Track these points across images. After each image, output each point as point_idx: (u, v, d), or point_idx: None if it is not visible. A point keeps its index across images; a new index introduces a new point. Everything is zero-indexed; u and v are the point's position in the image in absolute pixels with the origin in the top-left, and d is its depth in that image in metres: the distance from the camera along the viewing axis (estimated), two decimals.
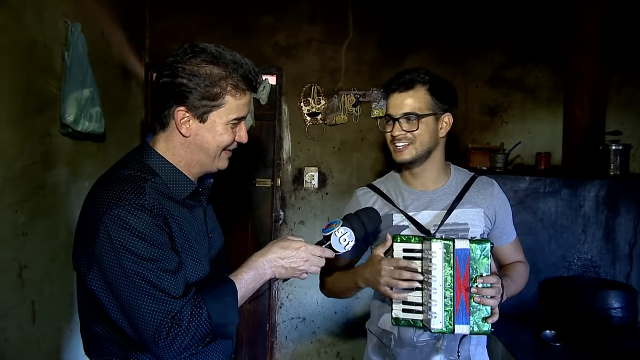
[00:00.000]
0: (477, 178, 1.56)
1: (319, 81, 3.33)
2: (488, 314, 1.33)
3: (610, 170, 2.53)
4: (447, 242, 1.33)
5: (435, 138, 1.47)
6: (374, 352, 1.59)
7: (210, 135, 1.17)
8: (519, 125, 3.24)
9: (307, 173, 3.36)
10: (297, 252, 1.21)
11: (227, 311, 1.12)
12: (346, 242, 1.26)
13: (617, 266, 2.46)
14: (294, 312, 3.40)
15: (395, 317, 1.41)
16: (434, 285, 1.32)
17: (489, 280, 1.32)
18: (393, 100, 1.47)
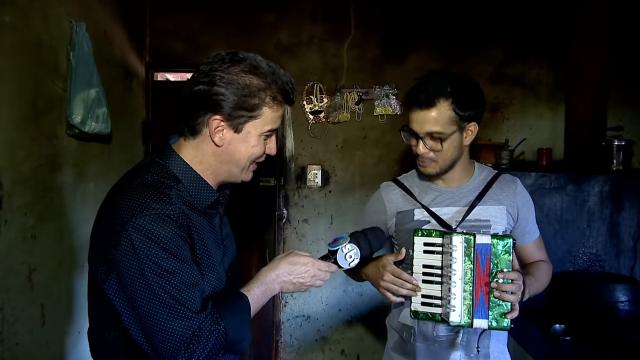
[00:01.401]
0: (501, 175, 1.57)
1: (322, 79, 3.33)
2: (508, 310, 1.33)
3: (613, 165, 2.56)
4: (468, 236, 1.34)
5: (460, 149, 1.46)
6: (394, 348, 1.60)
7: (243, 146, 1.15)
8: (520, 121, 3.27)
9: (310, 171, 3.36)
10: (305, 267, 1.23)
11: (242, 328, 1.13)
12: (352, 259, 1.28)
13: (621, 260, 2.49)
14: (298, 310, 3.40)
15: (414, 310, 1.42)
16: (453, 279, 1.34)
17: (509, 276, 1.32)
18: (415, 115, 1.42)
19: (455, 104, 1.38)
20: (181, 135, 1.20)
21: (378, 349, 3.33)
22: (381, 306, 3.32)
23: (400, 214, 1.54)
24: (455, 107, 1.38)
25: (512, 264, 1.34)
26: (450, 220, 1.48)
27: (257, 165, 1.24)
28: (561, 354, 1.98)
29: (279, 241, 3.41)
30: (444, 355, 1.49)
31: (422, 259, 1.42)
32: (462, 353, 1.48)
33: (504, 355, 1.56)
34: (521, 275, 1.36)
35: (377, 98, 3.28)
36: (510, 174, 1.61)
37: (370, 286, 3.38)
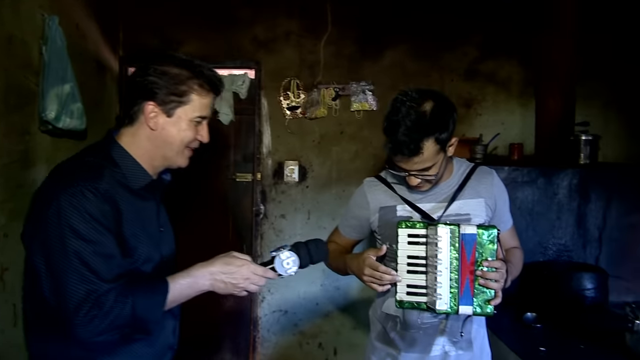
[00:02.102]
0: (477, 168, 1.62)
1: (298, 75, 3.35)
2: (491, 297, 1.40)
3: (580, 159, 2.65)
4: (454, 227, 1.40)
5: (446, 162, 1.51)
6: (378, 338, 1.65)
7: (175, 130, 1.27)
8: (493, 117, 3.36)
9: (287, 167, 3.39)
10: (239, 269, 1.25)
11: (152, 308, 1.17)
12: (289, 267, 1.30)
13: (587, 250, 2.60)
14: (275, 305, 3.43)
15: (400, 300, 1.47)
16: (439, 268, 1.40)
17: (494, 265, 1.39)
18: (402, 163, 1.45)
19: (438, 138, 1.41)
20: (122, 126, 1.31)
21: (355, 342, 3.39)
22: (357, 300, 3.37)
23: (383, 210, 1.59)
24: (438, 140, 1.41)
25: (497, 253, 1.40)
26: (431, 214, 1.53)
27: (191, 151, 1.34)
28: (532, 340, 2.06)
29: (255, 237, 3.43)
30: (429, 342, 1.55)
31: (406, 250, 1.47)
32: (445, 339, 1.55)
33: (484, 340, 1.63)
34: (505, 264, 1.42)
35: (354, 94, 3.32)
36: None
37: (346, 280, 3.45)
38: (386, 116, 1.45)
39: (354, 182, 3.30)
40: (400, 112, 1.40)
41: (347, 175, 3.35)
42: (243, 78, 3.35)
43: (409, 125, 1.38)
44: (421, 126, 1.38)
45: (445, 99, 1.47)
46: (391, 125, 1.41)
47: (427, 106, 1.41)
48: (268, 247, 3.39)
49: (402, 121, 1.39)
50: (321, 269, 3.35)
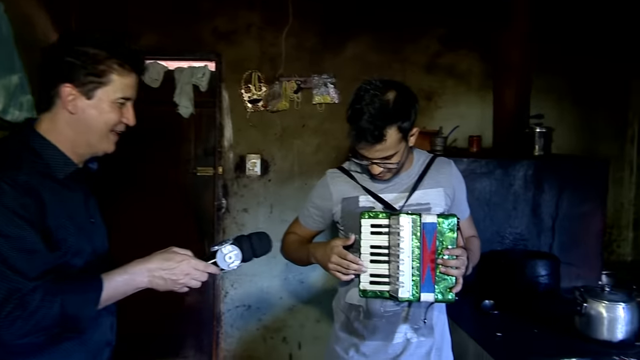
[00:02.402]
0: (436, 159, 1.68)
1: (260, 68, 3.35)
2: (453, 284, 1.46)
3: (535, 151, 2.78)
4: (415, 216, 1.45)
5: (407, 152, 1.56)
6: (341, 329, 1.69)
7: (96, 113, 1.21)
8: (452, 109, 3.46)
9: (249, 160, 3.39)
10: (179, 264, 1.22)
11: (84, 306, 1.13)
12: (231, 261, 1.28)
13: (542, 238, 2.73)
14: (239, 300, 3.44)
15: (363, 289, 1.51)
16: (401, 257, 1.45)
17: (455, 253, 1.45)
18: (365, 150, 1.49)
19: (401, 126, 1.46)
20: (39, 113, 1.25)
21: (319, 335, 3.43)
22: (321, 292, 3.42)
23: (345, 201, 1.62)
24: (400, 129, 1.46)
25: (457, 241, 1.46)
26: (394, 204, 1.58)
27: (117, 135, 1.28)
28: (489, 326, 2.15)
29: (218, 231, 3.42)
30: (391, 329, 1.60)
31: (369, 240, 1.50)
32: (408, 326, 1.61)
33: (445, 326, 1.70)
34: (465, 251, 1.49)
35: (316, 87, 3.35)
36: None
37: (310, 274, 3.48)
38: (350, 104, 1.50)
39: (316, 175, 3.32)
40: (364, 100, 1.45)
41: (309, 169, 3.39)
42: (203, 70, 3.33)
43: (372, 112, 1.43)
44: (384, 114, 1.44)
45: (408, 90, 1.53)
46: (355, 113, 1.46)
47: (390, 95, 1.46)
48: None
49: (365, 109, 1.44)
50: (284, 263, 3.37)
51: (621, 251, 3.64)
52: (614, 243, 3.63)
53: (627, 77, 3.57)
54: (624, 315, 1.92)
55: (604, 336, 1.94)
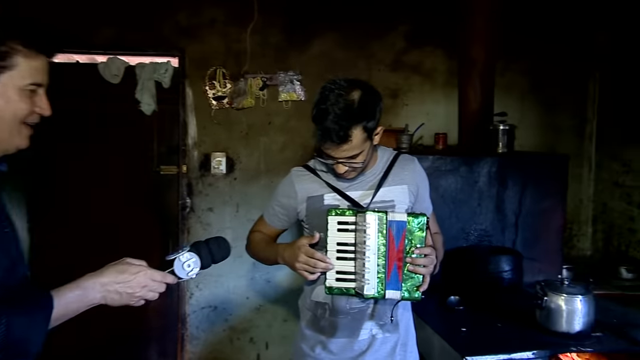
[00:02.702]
0: (400, 156, 1.73)
1: (225, 64, 3.34)
2: (420, 283, 1.51)
3: (499, 148, 2.87)
4: (381, 214, 1.49)
5: (372, 150, 1.60)
6: (307, 326, 1.72)
7: (2, 102, 1.07)
8: (418, 107, 3.54)
9: (214, 158, 3.38)
10: (134, 277, 1.17)
11: (32, 327, 1.03)
12: (190, 269, 1.26)
13: (505, 234, 2.83)
14: (204, 301, 3.43)
15: (329, 286, 1.55)
16: (367, 254, 1.49)
17: (424, 252, 1.50)
18: (331, 150, 1.51)
19: (366, 126, 1.49)
20: None
21: (287, 335, 3.46)
22: (288, 292, 3.45)
23: (310, 199, 1.65)
24: (366, 129, 1.50)
25: (426, 240, 1.51)
26: (359, 202, 1.62)
27: (30, 128, 1.15)
28: (454, 322, 2.23)
29: (182, 231, 3.40)
30: (357, 326, 1.64)
31: (336, 238, 1.54)
32: (373, 323, 1.65)
33: (410, 322, 1.75)
34: (434, 250, 1.53)
35: (282, 84, 3.36)
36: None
37: (277, 273, 3.50)
38: (315, 104, 1.52)
39: (283, 173, 3.27)
40: (329, 100, 1.48)
41: (276, 167, 3.40)
42: (166, 66, 3.30)
43: (337, 113, 1.46)
44: (349, 114, 1.47)
45: (372, 89, 1.56)
46: (320, 113, 1.49)
47: (355, 95, 1.49)
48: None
49: (330, 109, 1.47)
50: (251, 262, 3.39)
51: (581, 246, 3.80)
52: (574, 238, 3.79)
53: (586, 76, 3.73)
54: (581, 308, 2.01)
55: (563, 328, 2.03)
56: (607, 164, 3.62)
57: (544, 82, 3.66)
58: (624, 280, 3.19)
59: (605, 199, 3.65)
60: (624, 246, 3.46)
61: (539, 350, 1.95)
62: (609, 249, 3.60)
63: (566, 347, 2.00)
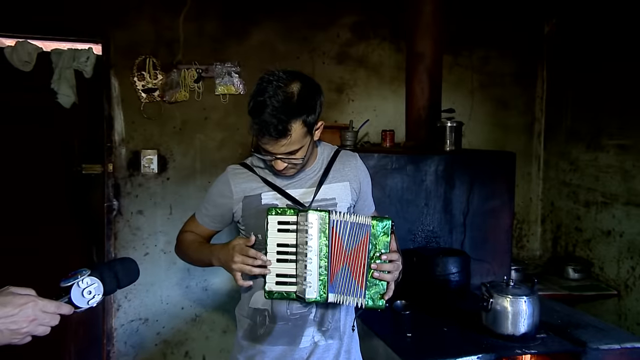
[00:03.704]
0: (341, 152, 1.75)
1: (155, 53, 3.28)
2: (384, 290, 1.53)
3: (446, 146, 2.97)
4: (323, 213, 1.50)
5: (312, 146, 1.61)
6: (245, 336, 1.71)
7: None
8: (365, 102, 3.60)
9: (144, 156, 3.31)
10: (21, 309, 1.07)
11: None
12: (91, 296, 1.17)
13: (453, 235, 2.93)
14: (134, 313, 3.35)
15: (269, 290, 1.54)
16: (309, 255, 1.49)
17: (390, 257, 1.52)
18: (269, 145, 1.51)
19: (306, 120, 1.51)
20: None
21: (225, 347, 3.44)
22: (227, 300, 3.42)
23: (247, 199, 1.64)
24: (305, 123, 1.51)
25: (390, 245, 1.53)
26: (301, 200, 1.62)
27: None
28: (400, 327, 2.29)
29: (108, 237, 3.30)
30: (298, 333, 1.65)
31: (276, 238, 1.53)
32: (315, 329, 1.66)
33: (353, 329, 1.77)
34: (400, 256, 1.56)
35: (219, 76, 3.33)
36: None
37: (215, 279, 3.47)
38: (252, 96, 1.52)
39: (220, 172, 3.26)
40: (267, 92, 1.48)
41: (213, 165, 3.37)
42: (87, 54, 3.19)
43: (276, 105, 1.47)
44: (289, 107, 1.47)
45: (312, 81, 1.58)
46: (257, 106, 1.48)
47: (294, 87, 1.50)
48: (123, 247, 3.29)
49: (268, 101, 1.47)
50: (186, 269, 3.35)
51: (530, 246, 3.99)
52: (524, 238, 3.97)
53: (534, 73, 3.91)
54: (526, 309, 2.12)
55: (509, 330, 2.13)
56: (554, 162, 3.82)
57: (493, 78, 3.82)
58: (570, 280, 3.38)
59: (553, 197, 3.84)
60: (571, 246, 3.65)
61: (483, 354, 2.03)
62: (557, 248, 3.80)
63: (511, 349, 2.10)
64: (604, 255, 3.37)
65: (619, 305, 3.24)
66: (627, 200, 3.19)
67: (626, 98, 3.22)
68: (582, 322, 2.34)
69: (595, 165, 3.43)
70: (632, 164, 3.15)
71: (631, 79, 3.19)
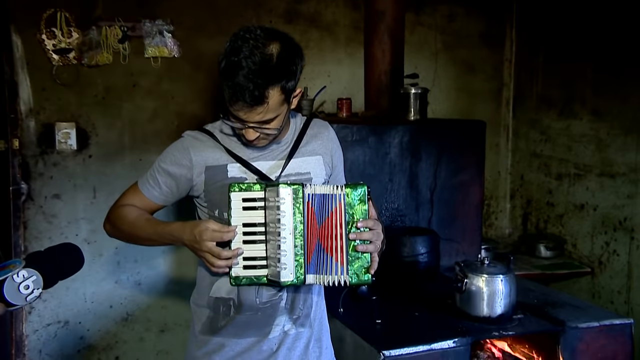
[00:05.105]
0: (312, 120, 1.84)
1: (68, 6, 3.20)
2: (368, 263, 1.61)
3: (410, 115, 3.13)
4: (296, 186, 1.58)
5: (287, 116, 1.67)
6: (204, 330, 1.77)
7: None
8: (318, 67, 3.69)
9: (59, 130, 3.26)
10: None
11: None
12: (29, 291, 1.17)
13: (420, 212, 3.11)
14: (50, 316, 3.32)
15: (235, 276, 1.61)
16: (282, 234, 1.56)
17: (367, 225, 1.59)
18: (241, 112, 1.55)
19: (285, 86, 1.55)
20: None
21: (164, 349, 3.49)
22: (165, 295, 3.47)
23: (210, 170, 1.69)
24: (284, 89, 1.55)
25: (369, 213, 1.60)
26: (270, 175, 1.70)
27: None
28: (368, 314, 2.44)
29: (16, 227, 3.25)
30: (268, 323, 1.73)
31: (241, 217, 1.59)
32: (286, 317, 1.75)
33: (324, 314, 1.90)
34: (379, 223, 1.64)
35: (148, 35, 3.31)
36: None
37: (149, 272, 3.50)
38: (224, 55, 1.55)
39: (154, 148, 3.32)
40: (242, 52, 1.52)
41: (145, 141, 3.37)
42: None
43: (252, 68, 1.50)
44: (267, 71, 1.50)
45: (293, 42, 1.64)
46: (231, 67, 1.52)
47: (273, 48, 1.55)
48: (36, 238, 3.26)
49: (244, 62, 1.51)
50: (115, 261, 3.37)
51: (499, 224, 4.26)
52: (492, 215, 4.23)
53: (502, 33, 4.14)
54: (502, 289, 2.33)
55: (484, 312, 2.34)
56: (524, 132, 4.08)
57: (458, 39, 4.00)
58: (542, 258, 3.67)
59: (522, 170, 4.11)
60: (543, 222, 3.95)
61: (459, 337, 2.24)
62: (528, 225, 4.09)
63: (488, 332, 2.31)
64: (577, 231, 3.67)
65: (592, 283, 3.55)
66: (601, 171, 3.48)
67: (600, 59, 3.47)
68: (558, 301, 2.59)
69: (568, 134, 3.70)
70: (607, 131, 3.43)
71: (605, 36, 3.43)
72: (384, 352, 2.12)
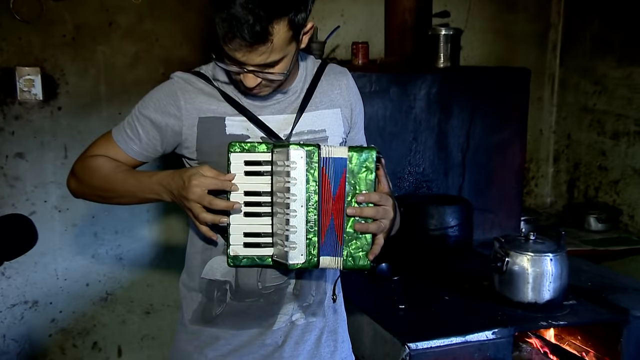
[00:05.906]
0: (328, 65, 1.71)
1: None
2: (368, 244, 1.47)
3: (440, 62, 3.00)
4: (311, 148, 1.44)
5: (296, 58, 1.53)
6: (195, 319, 1.68)
7: None
8: (329, 5, 3.53)
9: (20, 77, 3.15)
10: None
11: None
12: None
13: (449, 178, 3.01)
14: (16, 295, 3.28)
15: (234, 254, 1.49)
16: (292, 206, 1.44)
17: (371, 199, 1.45)
18: (240, 52, 1.42)
19: (293, 20, 1.41)
20: None
21: (149, 332, 3.46)
22: (151, 270, 3.42)
23: (204, 123, 1.58)
24: (292, 24, 1.41)
25: (378, 185, 1.47)
26: (278, 132, 1.58)
27: None
28: (389, 298, 2.33)
29: None
30: (272, 312, 1.64)
31: (242, 184, 1.47)
32: (294, 305, 1.66)
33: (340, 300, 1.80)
34: (389, 198, 1.49)
35: None
36: None
37: (133, 245, 3.44)
38: None
39: (134, 99, 3.13)
40: None
41: (124, 90, 3.28)
42: None
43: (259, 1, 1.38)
44: (275, 2, 1.38)
45: None
46: None
47: None
48: None
49: None
50: (92, 233, 3.33)
51: (539, 191, 4.15)
52: (532, 181, 4.12)
53: None
54: (551, 269, 2.21)
55: (529, 298, 2.23)
56: (574, 82, 3.93)
57: None
58: (593, 232, 3.56)
59: (570, 129, 3.99)
60: (593, 189, 3.83)
61: (500, 328, 2.12)
62: (574, 193, 3.97)
63: (534, 321, 2.20)
64: (635, 200, 3.55)
65: None
66: None
67: None
68: (618, 284, 2.47)
69: (629, 84, 3.55)
70: None
71: None
72: (409, 345, 2.01)
